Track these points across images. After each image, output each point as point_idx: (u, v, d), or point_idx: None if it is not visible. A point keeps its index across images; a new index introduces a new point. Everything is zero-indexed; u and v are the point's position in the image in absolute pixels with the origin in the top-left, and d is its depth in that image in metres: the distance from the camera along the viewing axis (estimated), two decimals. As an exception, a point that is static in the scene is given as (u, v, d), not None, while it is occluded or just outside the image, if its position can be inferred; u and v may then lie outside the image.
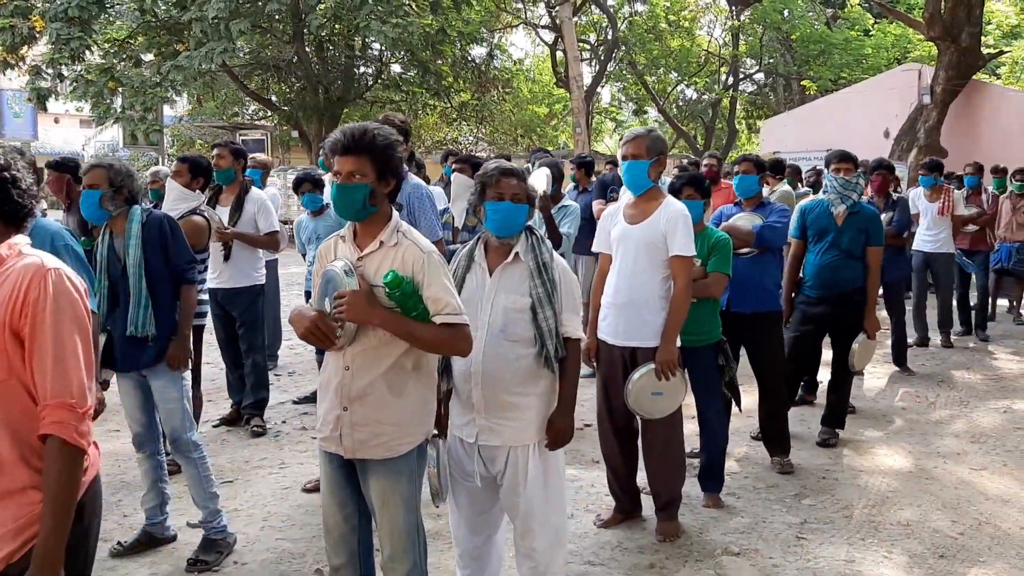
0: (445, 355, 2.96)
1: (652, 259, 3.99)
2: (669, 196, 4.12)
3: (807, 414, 6.38)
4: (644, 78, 32.35)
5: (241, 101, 30.07)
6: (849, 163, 5.67)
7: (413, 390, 2.77)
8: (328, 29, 23.37)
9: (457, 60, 29.15)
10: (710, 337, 4.55)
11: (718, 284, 4.48)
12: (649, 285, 4.00)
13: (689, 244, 3.96)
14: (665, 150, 4.09)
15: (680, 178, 4.66)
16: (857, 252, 5.62)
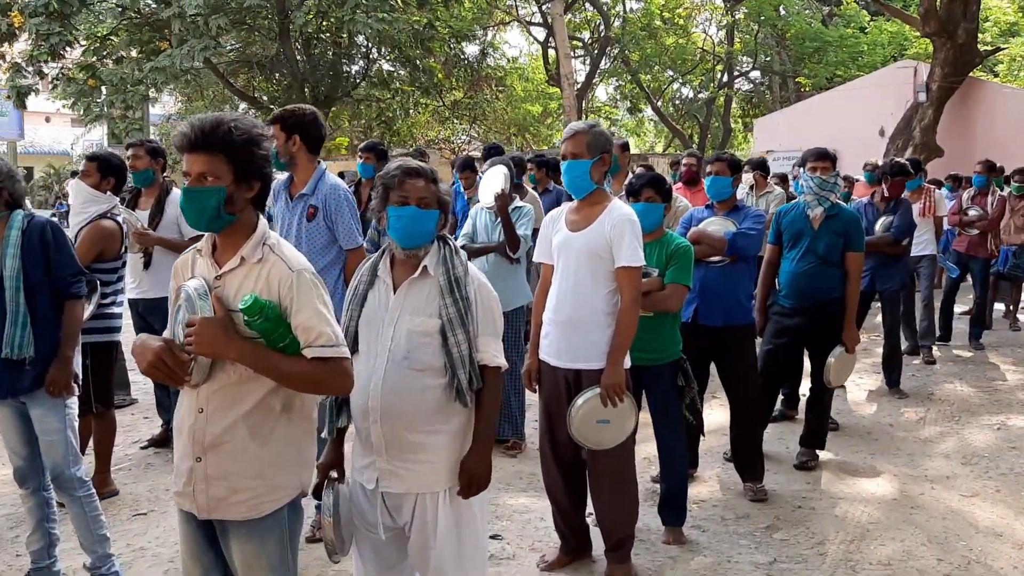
0: (319, 394, 2.48)
1: (596, 270, 3.55)
2: (615, 199, 3.68)
3: (787, 431, 5.94)
4: (638, 76, 31.89)
5: (231, 100, 29.58)
6: (826, 161, 5.23)
7: (282, 436, 2.32)
8: (314, 25, 22.97)
9: (450, 58, 28.81)
10: (668, 355, 4.11)
11: (676, 297, 4.04)
12: (593, 299, 3.56)
13: (636, 253, 3.51)
14: (610, 147, 3.64)
15: (639, 178, 4.22)
16: (835, 258, 5.18)
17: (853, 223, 5.22)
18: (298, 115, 4.00)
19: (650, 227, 4.14)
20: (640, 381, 4.12)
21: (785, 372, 5.51)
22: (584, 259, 3.55)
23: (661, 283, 4.05)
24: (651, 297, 4.01)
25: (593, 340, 3.55)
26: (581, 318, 3.56)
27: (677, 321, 4.18)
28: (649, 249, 4.13)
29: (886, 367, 7.04)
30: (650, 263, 4.09)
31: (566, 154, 3.59)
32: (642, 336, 3.99)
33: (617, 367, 3.50)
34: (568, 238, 3.62)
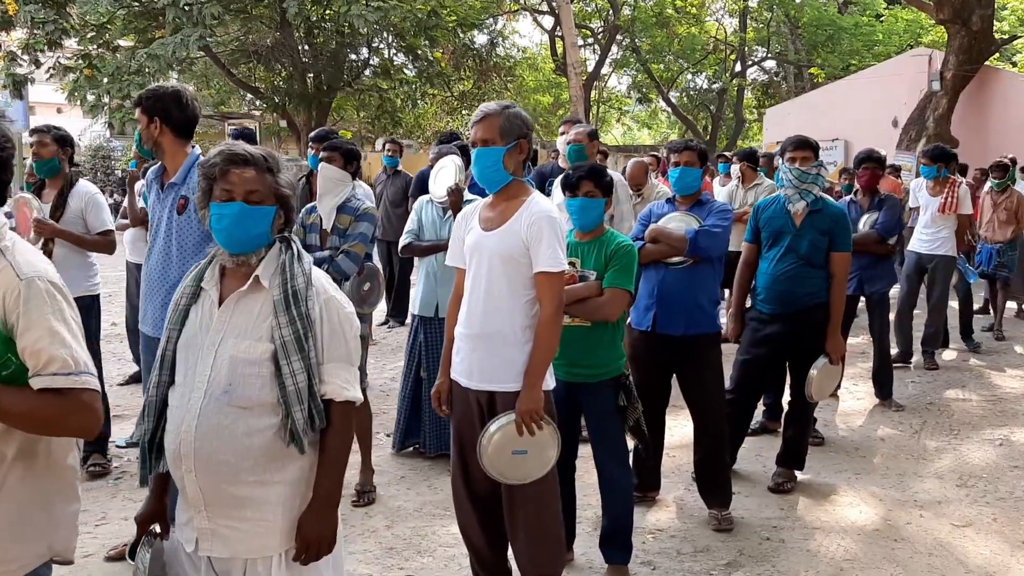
0: (56, 436, 1.96)
1: (512, 276, 3.05)
2: (535, 193, 3.17)
3: (766, 447, 5.43)
4: (649, 66, 31.26)
5: (237, 91, 29.14)
6: (806, 150, 4.71)
7: (15, 492, 1.86)
8: (317, 14, 22.54)
9: (458, 48, 28.36)
10: (608, 371, 3.62)
11: (615, 304, 3.54)
12: (508, 310, 3.07)
13: (557, 256, 3.01)
14: (528, 132, 3.14)
15: (576, 170, 3.71)
16: (818, 259, 4.67)
17: (839, 220, 4.70)
18: (159, 95, 3.53)
19: (590, 224, 3.67)
20: (576, 400, 3.64)
21: (762, 385, 4.99)
22: (498, 263, 3.06)
23: (599, 288, 3.55)
24: (587, 304, 3.54)
25: (508, 357, 3.05)
26: (494, 331, 3.06)
27: (619, 332, 3.68)
28: (587, 249, 3.66)
29: (876, 378, 6.49)
30: (587, 265, 3.62)
31: (475, 140, 3.09)
32: (578, 349, 3.54)
33: (534, 389, 3.00)
34: (480, 238, 3.13)
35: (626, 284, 3.56)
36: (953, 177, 7.29)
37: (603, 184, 3.67)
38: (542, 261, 3.00)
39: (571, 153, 5.78)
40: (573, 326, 3.55)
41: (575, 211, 3.64)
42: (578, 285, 3.58)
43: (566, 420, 3.68)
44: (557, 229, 3.03)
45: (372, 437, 4.75)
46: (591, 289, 3.55)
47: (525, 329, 3.06)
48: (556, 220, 3.04)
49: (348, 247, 4.45)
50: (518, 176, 3.13)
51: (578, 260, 3.64)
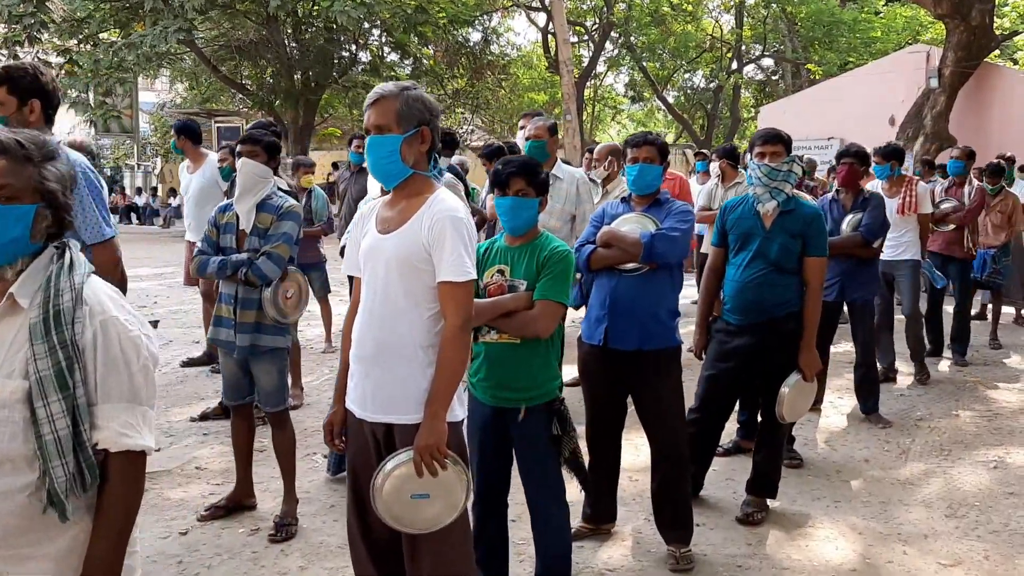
0: None
1: (412, 286, 2.59)
2: (440, 189, 2.70)
3: (739, 469, 4.95)
4: (643, 63, 30.81)
5: (228, 89, 28.63)
6: (777, 144, 4.24)
7: None
8: (304, 9, 22.11)
9: (451, 45, 27.97)
10: (540, 394, 3.16)
11: (547, 318, 3.09)
12: (408, 327, 2.60)
13: (463, 262, 2.56)
14: (432, 118, 2.66)
15: (507, 166, 3.24)
16: (791, 265, 4.21)
17: (813, 221, 4.23)
18: (32, 74, 3.06)
19: (521, 227, 3.22)
20: (506, 427, 3.18)
21: (730, 403, 4.51)
22: (395, 271, 2.59)
23: (529, 300, 3.09)
24: (516, 319, 3.09)
25: (408, 383, 2.59)
26: (391, 352, 2.59)
27: (553, 350, 3.22)
28: (518, 255, 3.20)
29: (860, 391, 6.01)
30: (518, 273, 3.17)
31: (368, 127, 2.62)
32: (506, 370, 3.11)
33: (436, 420, 2.53)
34: (376, 242, 2.66)
35: (559, 295, 3.11)
36: (910, 176, 6.75)
37: (537, 182, 3.21)
38: (445, 269, 2.55)
39: (530, 150, 5.33)
40: (501, 343, 3.13)
41: (504, 211, 3.19)
42: (505, 296, 3.13)
43: (495, 449, 3.24)
44: (464, 231, 2.57)
45: (296, 462, 4.28)
46: (520, 301, 3.10)
47: (428, 349, 2.60)
48: (463, 220, 2.58)
49: (270, 248, 4.00)
50: (420, 169, 2.66)
51: (507, 267, 3.20)
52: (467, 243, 2.57)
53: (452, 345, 2.56)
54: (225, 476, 4.56)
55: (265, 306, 4.02)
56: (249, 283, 3.99)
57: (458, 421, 2.66)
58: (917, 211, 6.54)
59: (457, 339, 2.56)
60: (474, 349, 3.21)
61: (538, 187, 3.20)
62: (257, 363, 4.08)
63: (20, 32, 18.97)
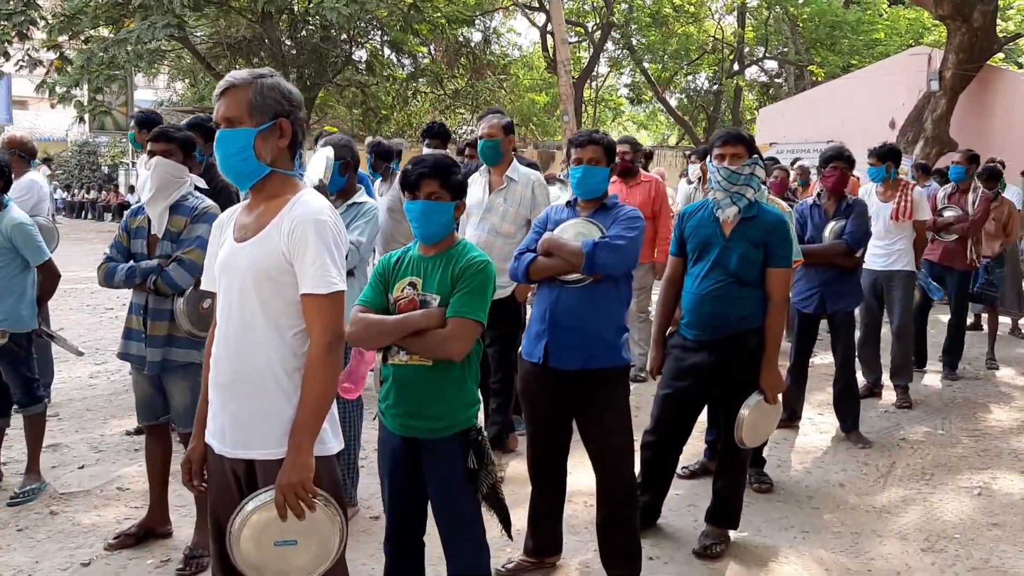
0: None
1: (271, 301, 2.26)
2: (305, 190, 2.36)
3: (702, 494, 4.60)
4: (644, 64, 30.46)
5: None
6: (737, 145, 3.91)
7: None
8: (302, 6, 21.87)
9: (451, 45, 27.75)
10: (455, 423, 2.83)
11: (461, 338, 2.76)
12: (269, 348, 2.27)
13: (327, 272, 2.23)
14: (289, 108, 2.31)
15: (417, 165, 2.91)
16: (751, 276, 3.87)
17: (776, 229, 3.88)
18: None
19: (435, 234, 2.89)
20: (417, 460, 2.85)
21: (688, 425, 4.16)
22: (252, 284, 2.26)
23: (442, 317, 2.76)
24: (427, 338, 2.76)
25: (270, 413, 2.26)
26: (249, 379, 2.26)
27: (470, 373, 2.88)
28: (432, 266, 2.87)
29: (839, 408, 5.66)
30: (430, 286, 2.84)
31: (217, 119, 2.28)
32: (417, 396, 2.79)
33: (300, 455, 2.20)
34: (232, 252, 2.33)
35: (475, 312, 2.77)
36: (906, 180, 6.32)
37: (451, 184, 2.87)
38: (308, 280, 2.22)
39: (484, 150, 5.00)
40: (411, 365, 2.80)
41: (415, 217, 2.86)
42: (415, 313, 2.80)
43: (408, 483, 2.91)
44: (330, 236, 2.25)
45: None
46: (431, 318, 2.77)
47: (292, 373, 2.27)
48: (327, 224, 2.26)
49: (182, 254, 3.68)
50: (280, 167, 2.34)
51: (420, 280, 2.86)
52: (333, 250, 2.25)
53: (317, 368, 2.22)
54: (147, 499, 4.23)
55: (177, 317, 3.69)
56: (159, 292, 3.66)
57: (330, 455, 2.32)
58: (912, 217, 6.13)
59: (323, 361, 2.23)
60: (383, 372, 2.88)
61: (453, 190, 2.87)
62: (170, 379, 3.75)
63: (10, 29, 18.74)
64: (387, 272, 2.93)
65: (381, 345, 2.82)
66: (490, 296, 2.82)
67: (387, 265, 2.94)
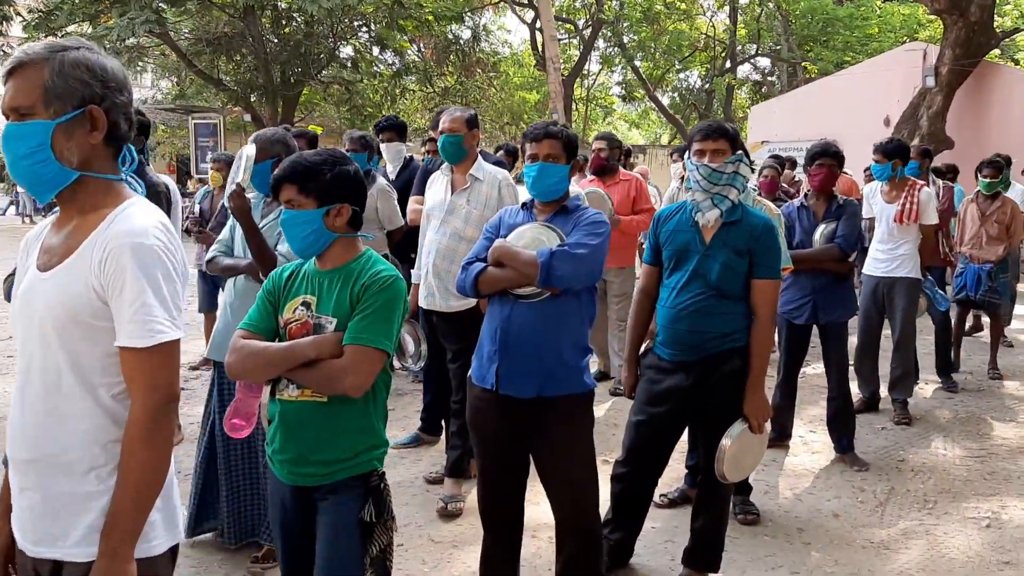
0: None
1: (78, 353, 1.73)
2: (132, 199, 1.84)
3: (682, 525, 4.13)
4: (635, 63, 30.06)
5: (208, 85, 27.82)
6: (720, 140, 3.45)
7: None
8: (286, 2, 21.43)
9: (440, 42, 27.35)
10: (351, 465, 2.37)
11: (359, 370, 2.28)
12: (76, 415, 1.75)
13: (151, 317, 1.69)
14: (103, 92, 1.73)
15: (287, 168, 2.42)
16: (734, 289, 3.42)
17: (763, 236, 3.43)
18: None
19: (303, 249, 2.44)
20: (312, 509, 2.38)
21: (664, 454, 3.70)
22: (53, 327, 1.73)
23: (338, 344, 2.30)
24: (319, 370, 2.30)
25: (76, 501, 1.75)
26: (53, 454, 1.74)
27: (375, 409, 2.41)
28: (329, 282, 2.42)
29: (833, 427, 5.21)
30: (326, 307, 2.38)
31: (5, 110, 1.76)
32: (309, 437, 2.34)
33: (115, 562, 1.67)
34: (33, 284, 1.79)
35: (377, 339, 2.30)
36: (912, 179, 5.82)
37: (312, 188, 2.38)
38: (123, 328, 1.70)
39: (445, 147, 4.53)
40: (302, 402, 2.34)
41: (285, 228, 2.39)
42: (305, 340, 2.34)
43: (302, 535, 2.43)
44: (156, 265, 1.72)
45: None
46: (325, 346, 2.31)
47: (110, 448, 1.75)
48: (153, 249, 1.72)
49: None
50: (95, 171, 1.79)
51: (315, 298, 2.40)
52: (161, 285, 1.72)
53: (138, 445, 1.70)
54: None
55: None
56: None
57: (160, 553, 1.79)
58: (919, 220, 5.66)
59: (146, 435, 1.70)
60: (269, 410, 2.41)
61: (319, 194, 2.38)
62: None
63: (-18, 26, 18.30)
64: (277, 290, 2.47)
65: (265, 378, 2.36)
66: (398, 319, 2.37)
67: (277, 281, 2.48)
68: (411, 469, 4.91)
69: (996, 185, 6.88)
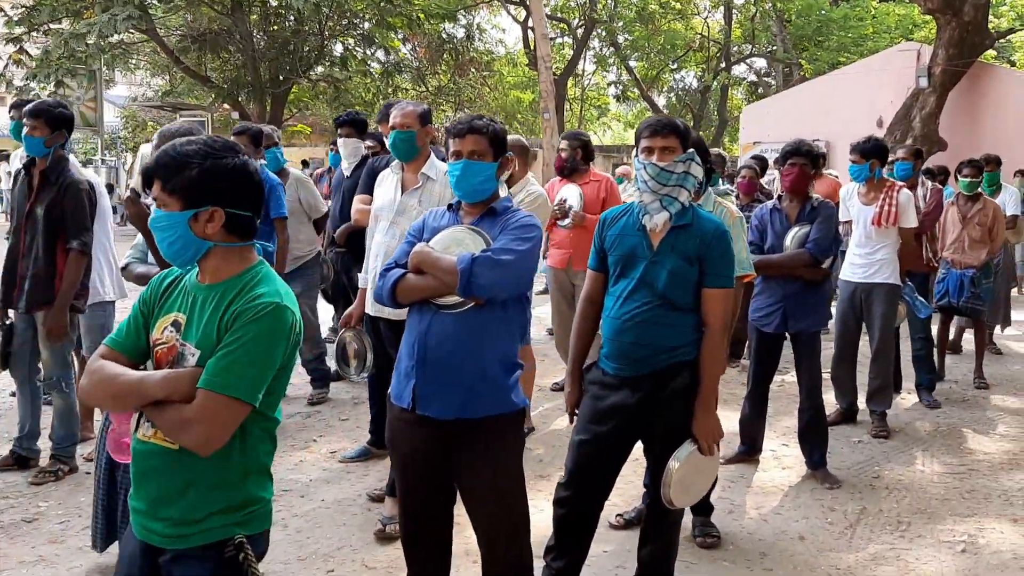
0: None
1: None
2: None
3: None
4: (629, 62, 29.82)
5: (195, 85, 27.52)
6: (670, 137, 3.17)
7: None
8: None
9: (433, 40, 27.17)
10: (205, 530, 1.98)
11: (209, 422, 1.88)
12: None
13: None
14: None
15: (153, 165, 2.08)
16: (685, 298, 3.15)
17: (715, 241, 3.16)
18: None
19: (174, 257, 2.06)
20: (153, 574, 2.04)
21: (611, 477, 3.41)
22: None
23: (192, 385, 1.92)
24: (167, 414, 1.93)
25: None
26: None
27: (248, 458, 2.02)
28: (204, 301, 2.06)
29: (804, 441, 4.93)
30: (192, 334, 2.01)
31: None
32: (157, 486, 2.03)
33: None
34: None
35: (235, 386, 1.89)
36: (891, 180, 5.55)
37: (178, 186, 1.98)
38: None
39: (396, 143, 4.26)
40: (154, 444, 2.00)
41: (153, 231, 2.05)
42: (155, 375, 1.97)
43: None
44: None
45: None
46: (177, 385, 1.93)
47: None
48: None
49: None
50: None
51: (186, 318, 2.05)
52: None
53: None
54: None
55: None
56: None
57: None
58: (897, 223, 5.38)
59: None
60: (132, 446, 2.10)
61: (186, 193, 1.97)
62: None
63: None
64: (152, 300, 2.11)
65: (116, 410, 2.05)
66: (274, 359, 1.95)
67: (155, 289, 2.12)
68: (355, 486, 4.63)
69: (976, 185, 6.62)
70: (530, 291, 2.92)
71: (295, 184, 5.97)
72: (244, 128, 5.62)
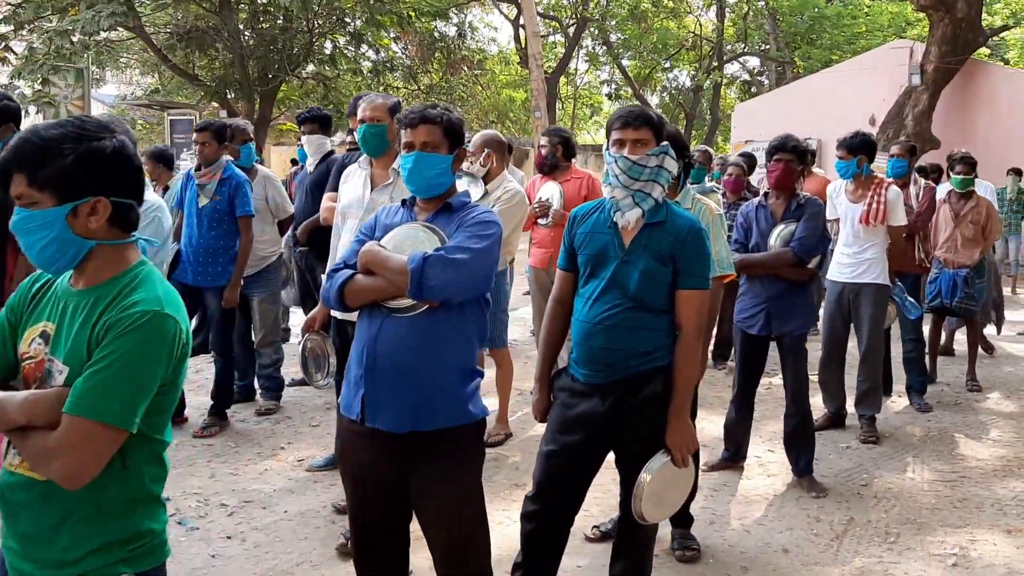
0: None
1: None
2: None
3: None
4: (621, 61, 29.64)
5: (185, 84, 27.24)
6: (642, 129, 2.97)
7: None
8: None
9: (425, 39, 26.99)
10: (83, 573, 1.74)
11: (73, 450, 1.63)
12: None
13: None
14: None
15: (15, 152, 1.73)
16: (658, 300, 2.95)
17: (689, 239, 2.96)
18: None
19: (45, 263, 1.79)
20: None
21: (581, 488, 3.22)
22: None
23: (57, 409, 1.66)
24: (31, 442, 1.68)
25: None
26: None
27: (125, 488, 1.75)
28: (76, 307, 1.79)
29: (790, 448, 4.75)
30: (59, 349, 1.75)
31: None
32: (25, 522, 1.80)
33: None
34: None
35: (106, 411, 1.63)
36: (879, 177, 5.35)
37: (42, 178, 1.69)
38: None
39: (366, 138, 4.07)
40: (21, 475, 1.76)
41: (16, 235, 1.75)
42: (16, 397, 1.71)
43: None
44: None
45: None
46: (38, 409, 1.68)
47: None
48: None
49: None
50: None
51: (54, 326, 1.79)
52: None
53: None
54: None
55: None
56: None
57: None
58: (886, 222, 5.20)
59: None
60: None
61: (61, 185, 1.69)
62: None
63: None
64: (21, 306, 1.86)
65: None
66: (152, 377, 1.69)
67: (24, 294, 1.87)
68: (321, 496, 4.43)
69: (970, 182, 6.43)
70: (489, 292, 2.72)
71: (263, 182, 5.79)
72: (207, 124, 5.44)
